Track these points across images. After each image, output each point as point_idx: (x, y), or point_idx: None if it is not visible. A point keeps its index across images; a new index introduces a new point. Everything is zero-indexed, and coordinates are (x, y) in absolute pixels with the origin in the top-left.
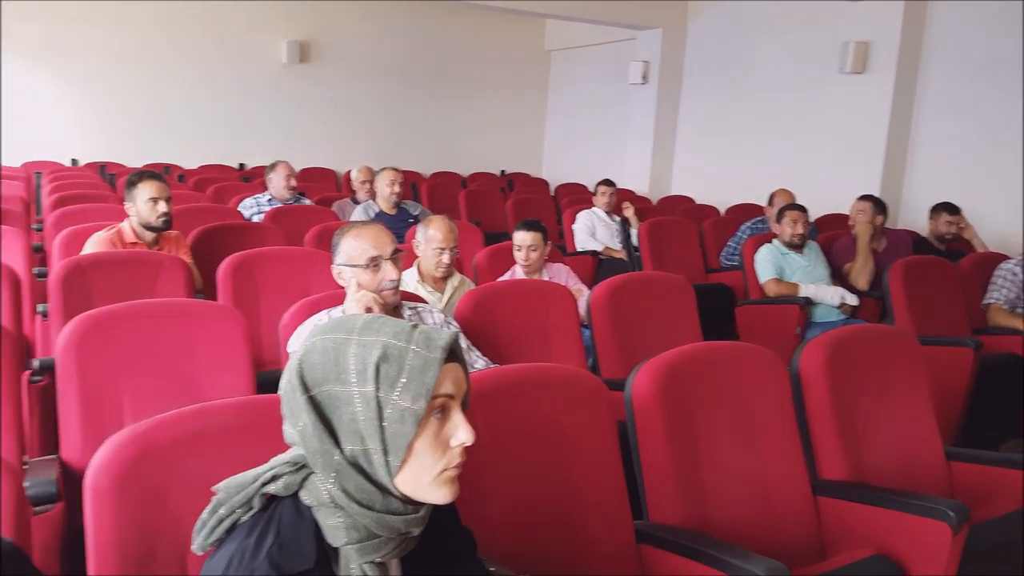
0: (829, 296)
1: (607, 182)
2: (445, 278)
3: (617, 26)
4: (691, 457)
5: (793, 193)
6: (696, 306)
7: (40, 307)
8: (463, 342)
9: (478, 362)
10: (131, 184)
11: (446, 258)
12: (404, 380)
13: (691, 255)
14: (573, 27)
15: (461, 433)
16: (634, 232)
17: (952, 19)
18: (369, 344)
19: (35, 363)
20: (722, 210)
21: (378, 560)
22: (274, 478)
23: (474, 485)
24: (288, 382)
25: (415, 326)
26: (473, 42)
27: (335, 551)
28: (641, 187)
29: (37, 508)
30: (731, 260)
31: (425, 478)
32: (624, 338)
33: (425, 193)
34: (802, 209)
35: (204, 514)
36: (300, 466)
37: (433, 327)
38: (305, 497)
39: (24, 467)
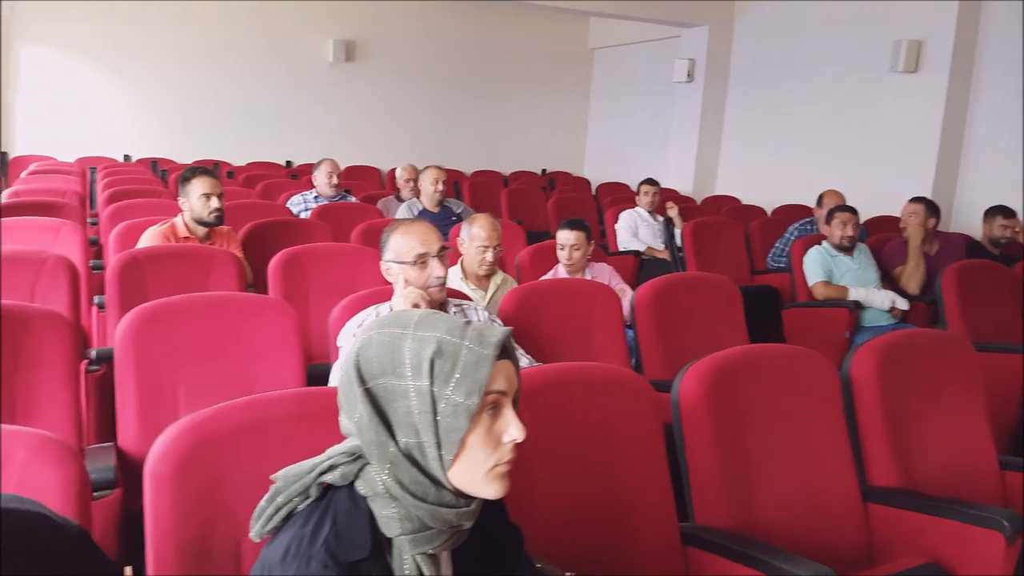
0: (879, 300)
1: (650, 181)
2: (488, 276)
3: (662, 24)
4: (739, 460)
5: (843, 194)
6: (743, 308)
7: (96, 299)
8: None
9: (522, 360)
10: (184, 180)
11: (490, 256)
12: (458, 376)
13: (737, 256)
14: (617, 25)
15: (513, 429)
16: (678, 232)
17: (1008, 17)
18: (424, 339)
19: (92, 353)
20: (768, 211)
21: (430, 552)
22: (331, 468)
23: (520, 482)
24: (345, 374)
25: (468, 323)
26: (516, 41)
27: (389, 541)
28: (685, 187)
29: (96, 493)
30: (778, 262)
31: (477, 473)
32: (668, 339)
33: (467, 191)
34: (852, 211)
35: (262, 502)
36: (356, 456)
37: (485, 324)
38: (361, 487)
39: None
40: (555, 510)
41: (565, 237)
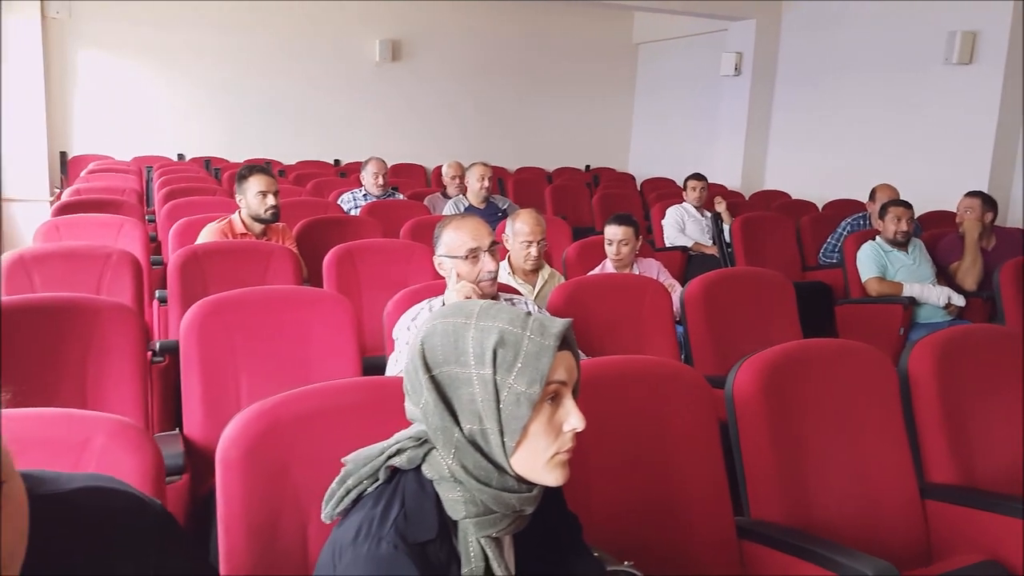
0: (935, 296)
1: (697, 176)
2: (535, 271)
3: (709, 18)
4: (794, 455)
5: (896, 188)
6: (796, 304)
7: (158, 293)
8: None
9: None
10: (242, 178)
11: (534, 251)
12: (520, 365)
13: (787, 252)
14: (662, 20)
15: (573, 419)
16: (727, 228)
17: None
18: (487, 329)
19: (156, 344)
20: (819, 206)
21: (494, 535)
22: (399, 452)
23: (577, 473)
24: (410, 361)
25: (528, 313)
26: (560, 37)
27: (454, 524)
28: (732, 182)
29: (167, 479)
30: (830, 258)
31: (539, 460)
32: (719, 335)
33: (511, 188)
34: (907, 205)
35: (333, 485)
36: (423, 441)
37: (546, 315)
38: (427, 471)
39: None
40: (611, 501)
41: (613, 232)
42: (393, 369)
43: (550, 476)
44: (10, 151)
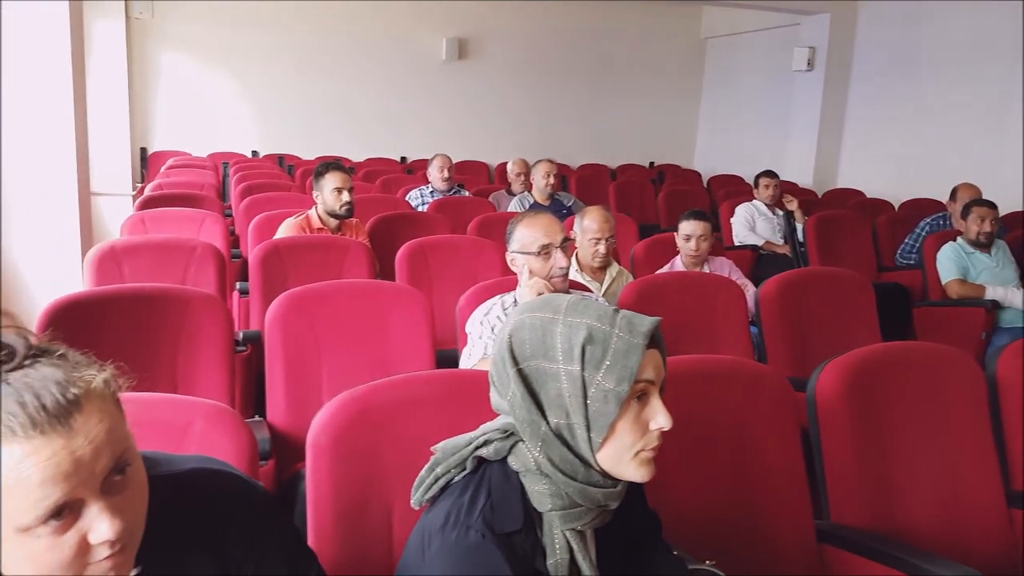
0: (1019, 300)
1: (769, 173)
2: (603, 268)
3: (781, 11)
4: (877, 458)
5: (978, 188)
6: (875, 306)
7: (238, 284)
8: None
9: None
10: (319, 174)
11: (602, 248)
12: (608, 363)
13: (863, 252)
14: (732, 14)
15: (660, 418)
16: (799, 227)
17: None
18: (575, 325)
19: (239, 335)
20: (896, 205)
21: (578, 528)
22: (486, 443)
23: (656, 471)
24: (498, 353)
25: (617, 310)
26: (626, 32)
27: (539, 515)
28: (804, 179)
29: None
30: (907, 258)
31: (624, 457)
32: (796, 336)
33: (574, 185)
34: (991, 205)
35: (423, 472)
36: (509, 434)
37: (633, 313)
38: (513, 463)
39: None
40: (689, 500)
41: (692, 227)
42: (466, 363)
43: (636, 472)
44: (97, 147)
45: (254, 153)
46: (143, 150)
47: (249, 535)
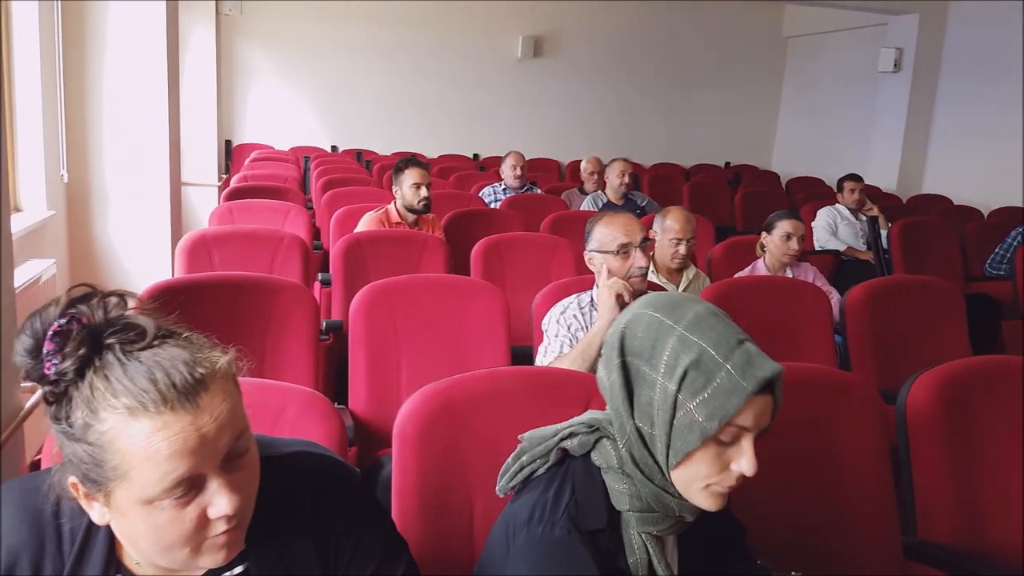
0: None
1: (854, 177)
2: (680, 269)
3: (867, 11)
4: (969, 475)
5: None
6: (965, 317)
7: (320, 275)
8: None
9: None
10: (398, 170)
11: (683, 249)
12: (706, 395)
13: (950, 261)
14: (815, 13)
15: (744, 463)
16: (884, 233)
17: None
18: (688, 344)
19: (323, 324)
20: (985, 213)
21: (655, 533)
22: (571, 435)
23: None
24: (613, 334)
25: (743, 341)
26: (705, 30)
27: (618, 515)
28: (888, 184)
29: None
30: (997, 269)
31: (696, 484)
32: (882, 345)
33: (646, 184)
34: None
35: (509, 460)
36: (595, 429)
37: (758, 351)
38: (596, 458)
39: None
40: (773, 511)
41: (794, 226)
42: (542, 360)
43: (703, 502)
44: (186, 140)
45: (333, 148)
46: (228, 142)
47: (348, 519)
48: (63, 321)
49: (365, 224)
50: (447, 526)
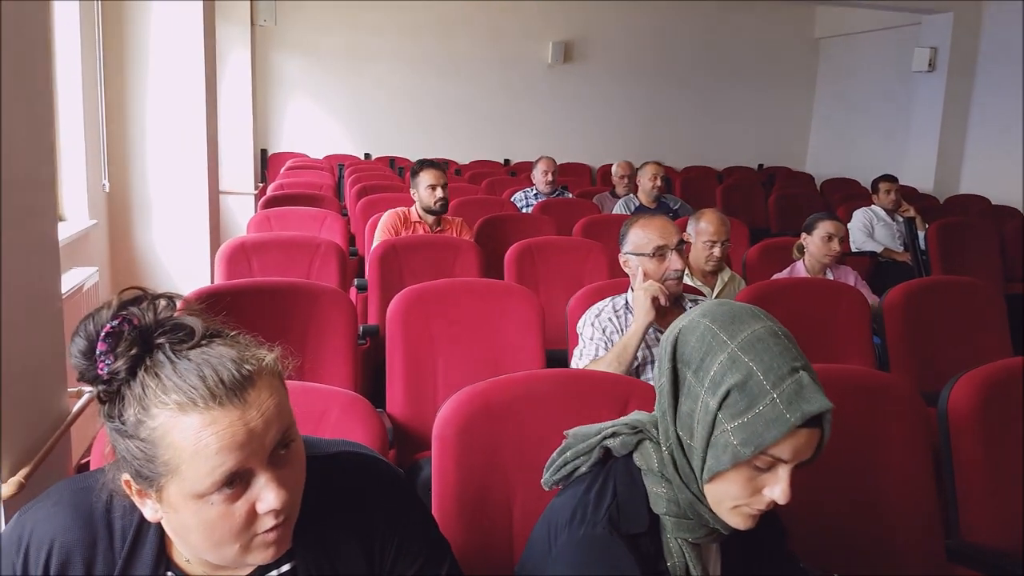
0: None
1: (890, 178)
2: (715, 272)
3: (901, 11)
4: (1012, 476)
5: None
6: (1006, 318)
7: (356, 280)
8: None
9: None
10: (414, 173)
11: (717, 251)
12: (745, 420)
13: (989, 261)
14: (847, 13)
15: (778, 492)
16: (921, 234)
17: None
18: (738, 363)
19: (360, 328)
20: None
21: (692, 540)
22: (614, 435)
23: None
24: (668, 337)
25: (797, 369)
26: (735, 32)
27: (657, 518)
28: (924, 184)
29: None
30: None
31: (725, 504)
32: (921, 347)
33: (678, 187)
34: None
35: (554, 454)
36: (638, 430)
37: (812, 381)
38: (637, 460)
39: None
40: (815, 513)
41: (834, 227)
42: (577, 363)
43: (732, 520)
44: (224, 149)
45: (366, 155)
46: (263, 151)
47: (393, 520)
48: (115, 323)
49: (384, 220)
50: (487, 527)
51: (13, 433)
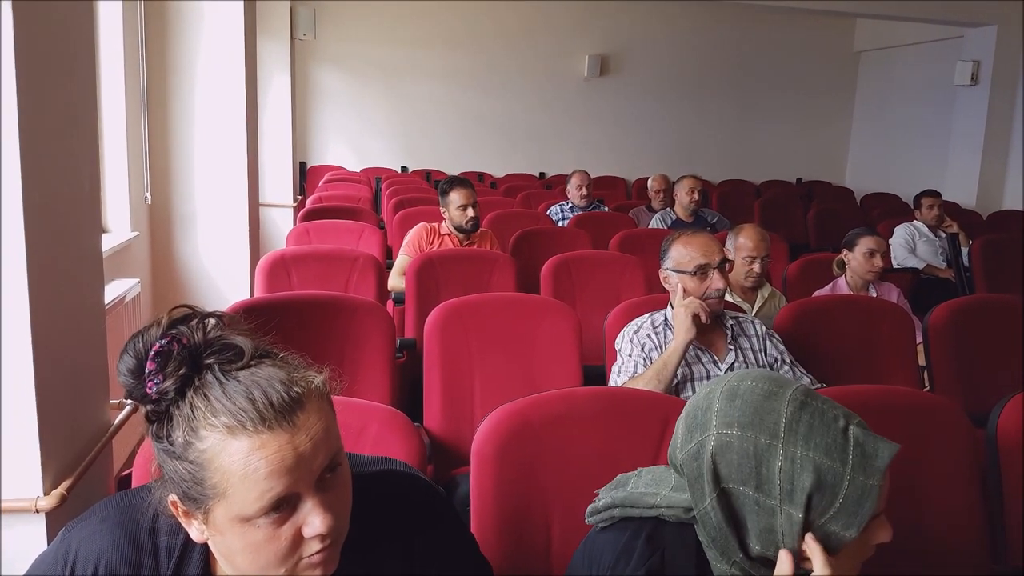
0: None
1: (932, 193)
2: (755, 288)
3: (942, 24)
4: None
5: None
6: None
7: (393, 294)
8: (787, 358)
9: (803, 379)
10: (443, 192)
11: (757, 267)
12: (836, 509)
13: None
14: (888, 26)
15: (882, 534)
16: (965, 251)
17: None
18: (800, 462)
19: (397, 342)
20: None
21: None
22: (669, 511)
23: None
24: (696, 459)
25: (847, 429)
26: (773, 46)
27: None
28: (967, 200)
29: None
30: None
31: (850, 573)
32: (968, 367)
33: (715, 201)
34: None
35: (600, 504)
36: (694, 515)
37: (869, 437)
38: (700, 535)
39: None
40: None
41: (876, 243)
42: (615, 380)
43: (845, 572)
44: (264, 162)
45: (403, 169)
46: (302, 164)
47: (435, 540)
48: (164, 342)
49: (415, 231)
50: (526, 546)
51: (55, 446)
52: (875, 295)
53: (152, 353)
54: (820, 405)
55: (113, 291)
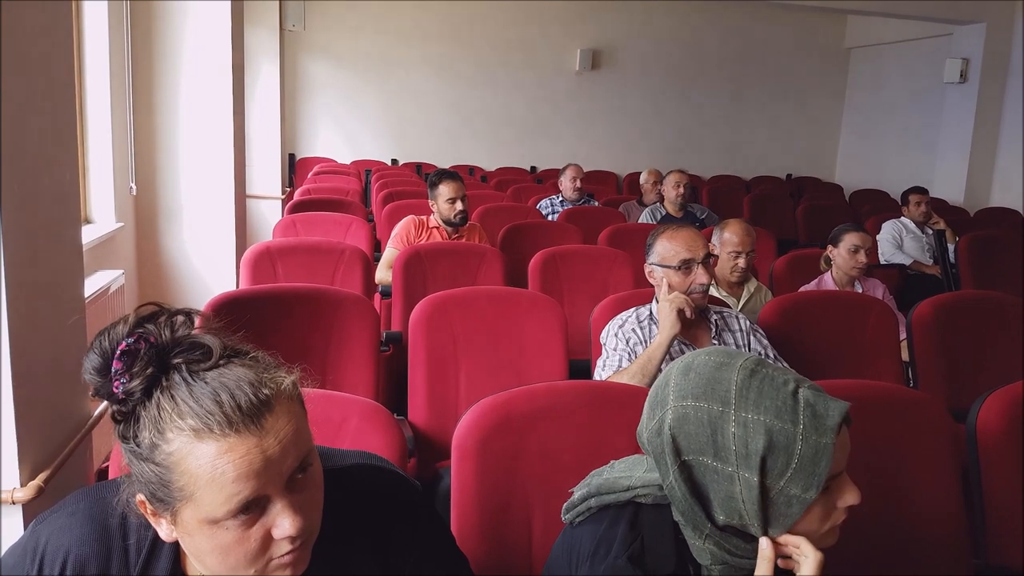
0: None
1: (920, 190)
2: (741, 283)
3: (932, 21)
4: None
5: None
6: None
7: (380, 287)
8: (770, 352)
9: None
10: (432, 184)
11: (742, 262)
12: (793, 469)
13: (1020, 276)
14: (878, 23)
15: (848, 497)
16: (951, 247)
17: None
18: (751, 425)
19: (383, 335)
20: None
21: None
22: (645, 493)
23: None
24: (659, 435)
25: (796, 391)
26: (764, 42)
27: (687, 565)
28: (954, 197)
29: None
30: None
31: (811, 537)
32: (951, 363)
33: (705, 197)
34: None
35: (575, 499)
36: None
37: (818, 395)
38: (676, 516)
39: None
40: (840, 533)
41: (862, 239)
42: (600, 374)
43: (824, 544)
44: (251, 153)
45: (393, 161)
46: (291, 156)
47: (410, 534)
48: (131, 340)
49: (403, 224)
50: (506, 540)
51: (32, 438)
52: (861, 291)
53: (119, 352)
54: (770, 372)
55: (97, 282)
